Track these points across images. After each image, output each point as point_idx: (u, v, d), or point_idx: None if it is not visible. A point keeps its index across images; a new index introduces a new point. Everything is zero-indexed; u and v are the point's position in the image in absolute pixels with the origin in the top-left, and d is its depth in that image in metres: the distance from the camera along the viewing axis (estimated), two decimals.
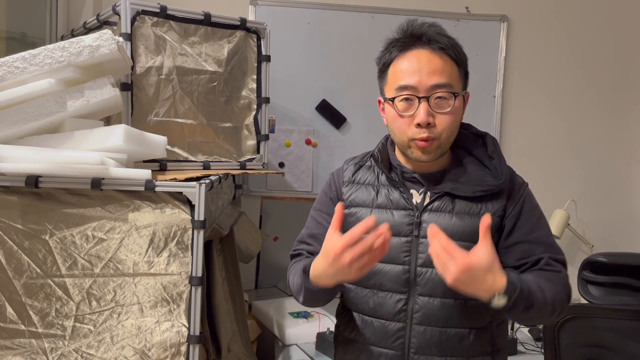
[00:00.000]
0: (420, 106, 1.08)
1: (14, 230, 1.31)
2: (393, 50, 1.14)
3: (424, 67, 1.09)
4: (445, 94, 1.09)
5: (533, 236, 1.13)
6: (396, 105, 1.11)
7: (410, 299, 1.14)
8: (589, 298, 1.78)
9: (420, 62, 1.09)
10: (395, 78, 1.12)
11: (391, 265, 1.15)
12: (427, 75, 1.08)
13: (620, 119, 2.50)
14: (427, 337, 1.13)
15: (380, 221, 1.13)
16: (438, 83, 1.08)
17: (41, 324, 1.31)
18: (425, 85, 1.08)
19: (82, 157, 1.28)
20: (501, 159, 1.16)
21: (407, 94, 1.09)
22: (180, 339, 1.34)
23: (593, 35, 2.47)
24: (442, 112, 1.09)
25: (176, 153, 1.73)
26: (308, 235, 1.29)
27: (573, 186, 2.50)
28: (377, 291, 1.17)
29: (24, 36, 2.03)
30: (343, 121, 2.39)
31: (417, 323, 1.13)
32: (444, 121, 1.09)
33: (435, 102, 1.09)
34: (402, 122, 1.11)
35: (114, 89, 1.39)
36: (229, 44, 1.83)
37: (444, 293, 1.12)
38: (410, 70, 1.10)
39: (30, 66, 1.30)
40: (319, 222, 1.28)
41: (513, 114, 2.48)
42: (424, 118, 1.07)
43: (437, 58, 1.10)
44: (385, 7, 2.37)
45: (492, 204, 1.13)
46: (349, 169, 1.26)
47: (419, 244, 1.14)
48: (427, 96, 1.08)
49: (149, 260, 1.34)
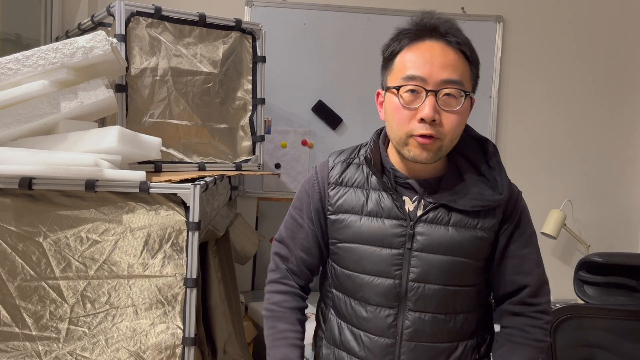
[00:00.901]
0: (427, 100, 0.98)
1: (8, 233, 1.30)
2: (404, 39, 1.03)
3: (436, 59, 0.99)
4: (455, 91, 0.99)
5: (523, 252, 1.11)
6: (401, 96, 1.01)
7: (400, 314, 1.07)
8: (585, 298, 1.78)
9: (434, 54, 1.00)
10: (403, 67, 1.02)
11: (381, 278, 1.08)
12: (439, 68, 0.98)
13: (615, 119, 2.51)
14: (417, 353, 1.07)
15: (370, 230, 1.08)
16: (450, 78, 0.99)
17: (35, 326, 1.30)
18: (435, 79, 0.98)
19: (76, 158, 1.27)
20: (502, 171, 1.08)
21: (414, 84, 0.99)
22: (175, 341, 1.33)
23: (588, 35, 2.47)
24: (450, 110, 1.00)
25: (171, 154, 1.73)
26: (289, 237, 1.21)
27: (569, 186, 2.50)
28: (366, 304, 1.10)
29: (18, 37, 2.02)
30: (339, 122, 2.39)
31: (408, 339, 1.07)
32: (451, 121, 1.00)
33: (443, 98, 0.99)
34: (404, 114, 1.01)
35: (108, 90, 1.39)
36: (224, 45, 1.83)
37: (436, 308, 1.07)
38: (421, 60, 1.00)
39: (23, 67, 1.30)
40: (299, 224, 1.19)
41: (509, 114, 2.48)
42: (429, 113, 0.98)
43: (452, 52, 1.00)
44: (381, 8, 2.37)
45: (488, 219, 1.07)
46: (336, 167, 1.15)
47: (412, 257, 1.06)
48: (435, 90, 0.98)
49: (143, 262, 1.33)
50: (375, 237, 1.08)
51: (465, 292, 1.09)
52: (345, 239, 1.12)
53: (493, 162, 1.10)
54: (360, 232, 1.09)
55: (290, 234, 1.21)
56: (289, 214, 1.23)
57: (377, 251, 1.08)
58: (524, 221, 1.12)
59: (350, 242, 1.10)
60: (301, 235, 1.18)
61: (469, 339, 1.12)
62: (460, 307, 1.09)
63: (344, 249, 1.12)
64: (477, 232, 1.06)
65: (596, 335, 1.68)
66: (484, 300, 1.16)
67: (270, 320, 1.17)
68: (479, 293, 1.12)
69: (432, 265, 1.05)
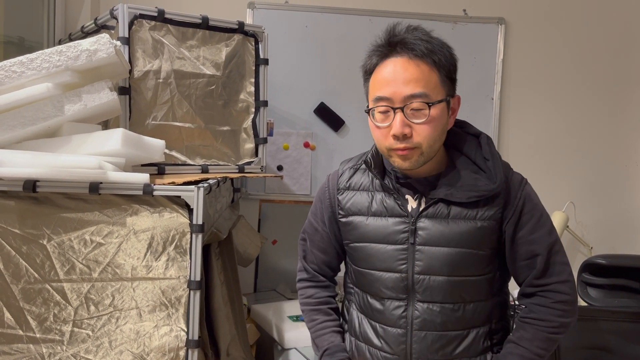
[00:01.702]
0: (396, 117, 1.07)
1: (12, 235, 1.30)
2: (373, 57, 1.13)
3: (398, 77, 1.06)
4: (419, 104, 1.06)
5: (534, 237, 1.14)
6: (374, 117, 1.10)
7: (409, 305, 1.15)
8: (589, 300, 1.78)
9: (396, 72, 1.07)
10: (374, 88, 1.11)
11: (389, 273, 1.16)
12: (402, 85, 1.06)
13: (617, 121, 2.51)
14: (427, 342, 1.14)
15: (376, 229, 1.17)
16: (413, 93, 1.05)
17: (39, 329, 1.30)
18: (399, 96, 1.06)
19: (80, 161, 1.28)
20: (495, 161, 1.13)
21: (383, 104, 1.08)
22: (178, 344, 1.33)
23: (590, 36, 2.47)
24: (419, 122, 1.07)
25: (174, 157, 1.73)
26: (309, 239, 1.35)
27: (571, 188, 2.50)
28: (379, 298, 1.19)
29: (21, 40, 2.03)
30: (341, 124, 2.39)
31: (418, 329, 1.14)
32: (422, 131, 1.07)
33: (410, 112, 1.07)
34: (380, 132, 1.11)
35: (112, 92, 1.39)
36: (227, 47, 1.83)
37: (443, 298, 1.13)
38: (385, 81, 1.08)
39: (27, 70, 1.30)
40: (315, 228, 1.33)
41: (511, 116, 2.48)
42: (398, 129, 1.06)
43: (412, 66, 1.07)
44: (383, 10, 2.38)
45: (488, 208, 1.12)
46: (344, 174, 1.26)
47: (416, 251, 1.14)
48: (402, 107, 1.06)
49: (147, 265, 1.33)
50: (380, 235, 1.17)
51: (473, 281, 1.14)
52: (355, 239, 1.22)
53: (487, 153, 1.15)
54: (367, 231, 1.18)
55: (309, 237, 1.35)
56: (307, 218, 1.37)
57: (383, 248, 1.16)
58: (529, 207, 1.14)
59: (360, 242, 1.20)
60: (317, 237, 1.33)
61: (481, 327, 1.16)
62: (469, 296, 1.14)
63: (355, 248, 1.22)
64: (478, 222, 1.12)
65: (600, 337, 1.68)
66: (498, 289, 1.20)
67: (309, 314, 1.32)
68: (490, 282, 1.17)
69: (435, 258, 1.12)
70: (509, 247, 1.15)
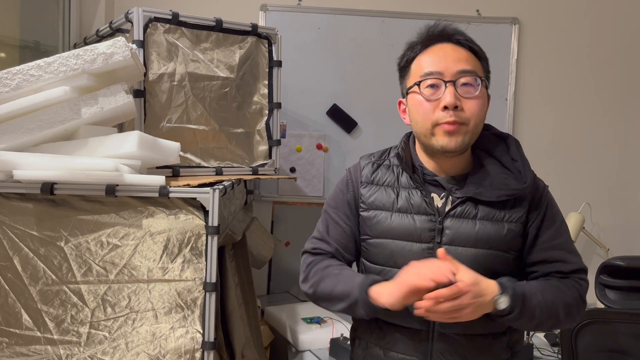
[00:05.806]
0: (447, 90, 1.07)
1: (30, 237, 1.31)
2: (416, 47, 1.14)
3: (449, 55, 1.09)
4: (471, 79, 1.08)
5: (554, 243, 1.13)
6: (422, 91, 1.09)
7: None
8: (607, 302, 1.76)
9: (446, 52, 1.10)
10: (420, 68, 1.11)
11: None
12: (453, 62, 1.08)
13: (634, 121, 2.48)
14: (449, 343, 1.12)
15: (401, 226, 1.14)
16: (464, 69, 1.08)
17: (57, 330, 1.31)
18: (451, 71, 1.07)
19: (97, 163, 1.29)
20: (524, 162, 1.14)
21: (433, 78, 1.08)
22: (194, 345, 1.33)
23: (604, 36, 2.45)
24: (469, 97, 1.08)
25: (189, 159, 1.74)
26: (325, 232, 1.24)
27: (587, 189, 2.47)
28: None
29: (37, 44, 2.05)
30: (354, 126, 2.38)
31: (440, 328, 1.12)
32: (472, 106, 1.08)
33: (461, 87, 1.08)
34: (428, 107, 1.09)
35: (128, 95, 1.40)
36: (241, 49, 1.84)
37: None
38: (435, 59, 1.10)
39: (45, 74, 1.31)
40: (336, 221, 1.23)
41: (525, 116, 2.46)
42: (451, 100, 1.06)
43: (462, 49, 1.10)
44: (395, 12, 2.37)
45: (515, 210, 1.11)
46: (367, 167, 1.23)
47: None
48: (453, 80, 1.07)
49: (163, 267, 1.34)
50: (405, 232, 1.13)
51: None
52: (376, 235, 1.17)
53: (516, 155, 1.15)
54: (391, 227, 1.15)
55: (327, 230, 1.24)
56: (323, 214, 1.28)
57: (408, 246, 1.13)
58: (551, 212, 1.14)
59: (382, 238, 1.16)
60: (338, 231, 1.23)
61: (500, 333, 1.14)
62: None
63: (375, 244, 1.17)
64: (505, 224, 1.10)
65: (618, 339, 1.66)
66: None
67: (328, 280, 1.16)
68: None
69: (461, 258, 1.08)
70: (528, 250, 1.14)
